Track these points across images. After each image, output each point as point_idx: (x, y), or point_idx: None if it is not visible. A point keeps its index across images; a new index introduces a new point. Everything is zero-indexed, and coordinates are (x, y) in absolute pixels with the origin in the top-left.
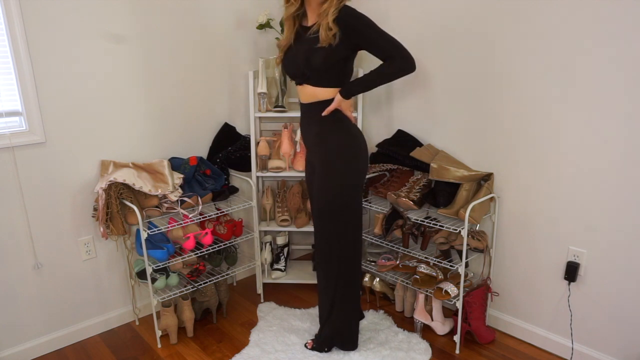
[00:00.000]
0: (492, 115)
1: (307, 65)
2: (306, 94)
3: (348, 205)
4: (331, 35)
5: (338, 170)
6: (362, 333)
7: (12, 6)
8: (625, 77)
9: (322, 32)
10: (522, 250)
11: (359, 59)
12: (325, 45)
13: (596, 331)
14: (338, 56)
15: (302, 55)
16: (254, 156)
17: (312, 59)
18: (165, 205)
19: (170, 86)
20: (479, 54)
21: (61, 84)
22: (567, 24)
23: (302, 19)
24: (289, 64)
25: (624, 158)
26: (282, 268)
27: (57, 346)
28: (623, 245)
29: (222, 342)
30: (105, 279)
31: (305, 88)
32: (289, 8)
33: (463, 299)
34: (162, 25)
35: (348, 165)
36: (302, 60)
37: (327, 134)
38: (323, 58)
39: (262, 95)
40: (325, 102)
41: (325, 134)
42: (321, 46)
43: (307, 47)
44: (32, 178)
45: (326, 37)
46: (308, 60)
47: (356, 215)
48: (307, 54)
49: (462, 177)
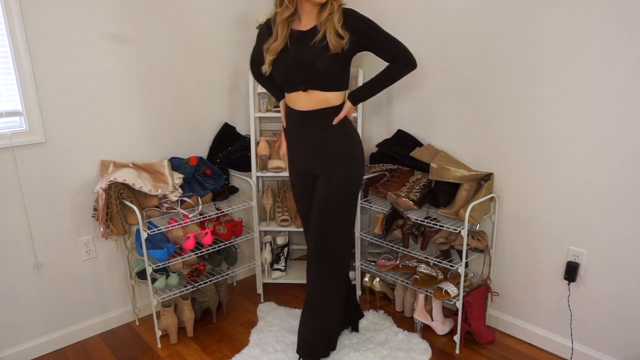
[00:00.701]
0: (492, 115)
1: (318, 71)
2: (313, 100)
3: (355, 208)
4: (343, 42)
5: (350, 177)
6: (362, 333)
7: (12, 6)
8: (625, 78)
9: (331, 39)
10: (522, 250)
11: (359, 59)
12: (337, 51)
13: (596, 331)
14: (347, 58)
15: (310, 61)
16: (254, 156)
17: (324, 65)
18: (165, 205)
19: (171, 86)
20: (479, 54)
21: (61, 84)
22: (567, 24)
23: (292, 22)
24: (287, 71)
25: (624, 158)
26: (282, 268)
27: (57, 346)
28: (623, 245)
29: (222, 342)
30: (105, 279)
31: (312, 94)
32: (283, 12)
33: (463, 299)
34: (162, 25)
35: (358, 170)
36: (309, 67)
37: (339, 140)
38: (334, 63)
39: (262, 95)
40: (337, 107)
41: (337, 141)
42: (334, 52)
43: (314, 53)
44: (32, 178)
45: (337, 45)
46: (319, 67)
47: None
48: (318, 61)
49: (462, 177)
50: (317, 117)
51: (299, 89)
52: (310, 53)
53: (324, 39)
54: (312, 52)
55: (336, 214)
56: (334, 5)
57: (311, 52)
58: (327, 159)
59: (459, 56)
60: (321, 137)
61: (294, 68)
